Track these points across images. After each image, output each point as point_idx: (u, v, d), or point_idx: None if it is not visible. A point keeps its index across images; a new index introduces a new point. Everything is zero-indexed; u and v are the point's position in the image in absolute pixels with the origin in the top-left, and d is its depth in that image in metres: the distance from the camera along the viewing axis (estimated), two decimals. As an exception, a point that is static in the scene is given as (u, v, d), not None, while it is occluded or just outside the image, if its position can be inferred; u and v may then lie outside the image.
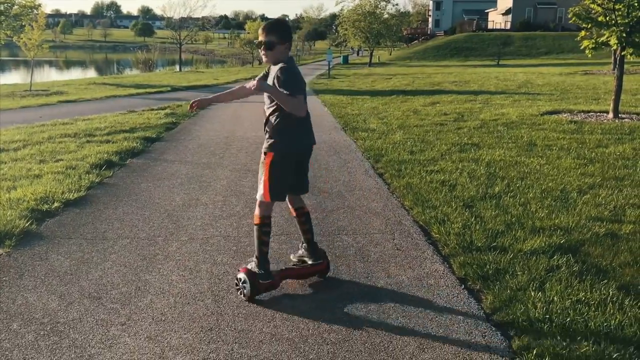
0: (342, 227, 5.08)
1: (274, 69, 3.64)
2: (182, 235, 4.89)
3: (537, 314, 3.33)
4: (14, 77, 43.89)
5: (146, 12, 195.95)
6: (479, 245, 4.47)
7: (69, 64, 73.00)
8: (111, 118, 13.00)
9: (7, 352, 2.99)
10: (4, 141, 9.59)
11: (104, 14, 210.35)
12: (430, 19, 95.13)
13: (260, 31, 3.67)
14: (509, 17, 73.87)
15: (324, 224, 5.16)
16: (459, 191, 6.08)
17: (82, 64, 74.01)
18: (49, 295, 3.67)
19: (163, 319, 3.37)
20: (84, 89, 24.72)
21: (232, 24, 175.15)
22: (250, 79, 31.32)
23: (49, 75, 49.36)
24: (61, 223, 5.20)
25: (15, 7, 29.10)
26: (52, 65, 66.24)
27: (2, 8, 29.07)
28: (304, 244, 4.06)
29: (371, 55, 57.10)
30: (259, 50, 3.71)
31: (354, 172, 7.35)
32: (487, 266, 4.04)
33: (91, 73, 54.51)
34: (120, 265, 4.19)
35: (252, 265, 3.73)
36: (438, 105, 15.28)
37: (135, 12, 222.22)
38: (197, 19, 65.14)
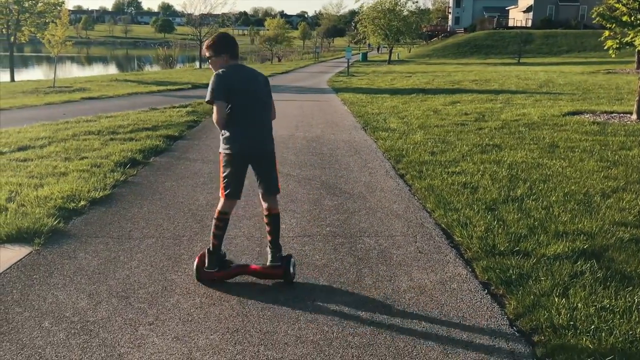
0: (363, 229, 5.11)
1: None
2: (206, 235, 4.95)
3: (561, 321, 3.34)
4: (37, 73, 44.52)
5: (166, 8, 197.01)
6: (502, 249, 4.47)
7: (90, 60, 73.83)
8: (134, 115, 13.14)
9: (39, 350, 3.08)
10: (30, 138, 9.74)
11: (125, 10, 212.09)
12: (450, 16, 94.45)
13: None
14: (530, 14, 73.10)
15: (346, 226, 5.20)
16: (481, 193, 6.07)
17: (103, 60, 74.81)
18: (78, 294, 3.75)
19: (190, 319, 3.43)
20: (106, 85, 24.98)
21: (251, 20, 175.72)
22: (269, 76, 31.43)
23: (72, 72, 49.98)
24: (88, 222, 5.30)
25: (40, 4, 29.56)
26: (74, 61, 67.05)
27: (27, 5, 29.57)
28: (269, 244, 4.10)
29: (390, 52, 56.91)
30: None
31: (375, 173, 7.37)
32: (510, 271, 4.04)
33: (112, 69, 55.07)
34: (146, 265, 4.26)
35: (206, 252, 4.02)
36: (458, 104, 15.21)
37: (155, 9, 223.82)
38: (217, 15, 65.42)
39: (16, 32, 30.53)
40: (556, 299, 3.60)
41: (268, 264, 4.04)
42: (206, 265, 3.99)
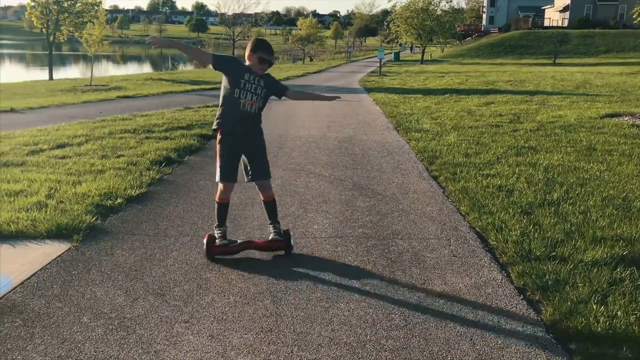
0: (397, 232, 5.09)
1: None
2: (239, 234, 4.99)
3: (599, 329, 3.27)
4: (75, 72, 45.50)
5: (200, 8, 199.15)
6: (538, 254, 4.40)
7: (126, 59, 75.10)
8: (168, 114, 13.32)
9: (79, 345, 3.14)
10: (67, 136, 9.95)
11: (160, 9, 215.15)
12: (484, 16, 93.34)
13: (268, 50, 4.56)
14: (567, 14, 71.81)
15: (379, 228, 5.18)
16: (516, 197, 5.99)
17: (138, 59, 76.01)
18: (115, 290, 3.82)
19: (224, 318, 3.47)
20: (141, 84, 25.40)
21: (283, 20, 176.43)
22: (301, 76, 31.43)
23: (108, 70, 50.91)
24: (124, 219, 5.39)
25: (78, 4, 30.21)
26: (110, 60, 68.29)
27: (66, 5, 30.24)
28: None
29: (423, 52, 56.53)
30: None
31: (408, 174, 7.34)
32: (547, 276, 3.98)
33: (147, 68, 55.91)
34: (181, 263, 4.32)
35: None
36: (493, 105, 15.03)
37: (189, 8, 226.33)
38: (250, 15, 65.86)
39: (55, 32, 31.25)
40: (594, 307, 3.53)
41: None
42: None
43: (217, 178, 4.52)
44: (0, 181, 6.61)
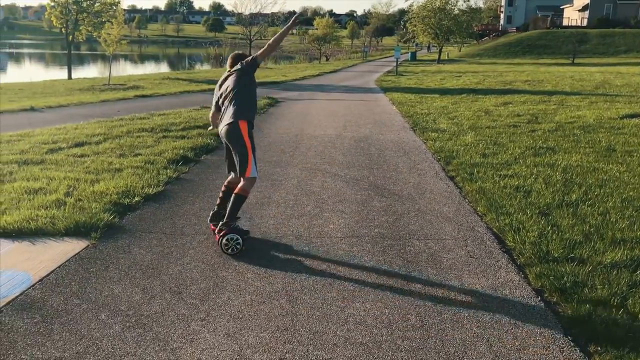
0: (413, 232, 5.07)
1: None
2: (255, 233, 5.01)
3: (618, 331, 3.23)
4: (93, 71, 45.95)
5: (217, 8, 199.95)
6: (556, 255, 4.36)
7: (143, 59, 75.65)
8: (185, 113, 13.40)
9: (97, 341, 3.17)
10: (86, 134, 10.05)
11: (177, 9, 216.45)
12: (502, 15, 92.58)
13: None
14: (586, 13, 70.93)
15: (395, 228, 5.17)
16: (534, 198, 5.93)
17: (156, 59, 76.54)
18: (132, 288, 3.85)
19: (240, 316, 3.48)
20: (158, 83, 25.57)
21: (300, 19, 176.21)
22: (317, 75, 31.40)
23: (125, 70, 51.33)
24: (142, 217, 5.44)
25: (97, 4, 30.48)
26: (128, 60, 68.86)
27: (85, 5, 30.54)
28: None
29: (440, 52, 56.24)
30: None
31: (424, 174, 7.30)
32: (565, 278, 3.94)
33: (164, 68, 56.26)
34: (198, 261, 4.34)
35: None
36: (510, 105, 14.91)
37: (206, 8, 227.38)
38: (267, 15, 66.01)
39: (74, 32, 31.56)
40: (614, 309, 3.49)
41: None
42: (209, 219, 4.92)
43: (256, 173, 4.72)
44: (20, 179, 6.70)
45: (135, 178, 6.74)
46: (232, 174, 4.91)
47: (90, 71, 46.22)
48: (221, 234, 4.55)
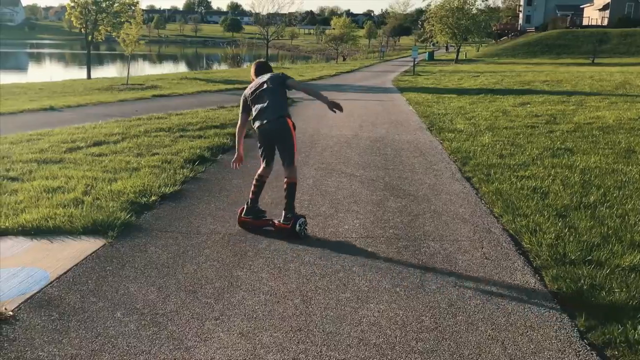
0: (428, 233, 5.04)
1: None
2: (270, 233, 5.02)
3: (636, 336, 3.19)
4: (112, 71, 46.39)
5: (235, 8, 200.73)
6: (573, 258, 4.31)
7: (162, 58, 76.24)
8: (202, 113, 13.47)
9: (112, 339, 3.20)
10: (104, 134, 10.15)
11: (195, 9, 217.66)
12: (520, 15, 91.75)
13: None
14: (607, 12, 70.03)
15: (410, 229, 5.15)
16: (551, 199, 5.88)
17: (174, 59, 77.07)
18: (148, 287, 3.88)
19: (254, 316, 3.49)
20: (176, 83, 25.73)
21: (317, 19, 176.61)
22: (334, 75, 31.37)
23: (144, 70, 51.75)
24: (158, 217, 5.48)
25: (116, 4, 30.79)
26: (146, 59, 69.43)
27: (104, 5, 30.86)
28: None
29: (458, 51, 55.93)
30: None
31: (440, 175, 7.27)
32: (582, 281, 3.89)
33: (182, 67, 56.62)
34: (213, 260, 4.37)
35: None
36: (529, 106, 14.78)
37: (224, 8, 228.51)
38: (284, 15, 66.15)
39: (93, 32, 31.91)
40: (631, 313, 3.44)
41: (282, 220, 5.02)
42: (243, 213, 5.14)
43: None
44: (39, 178, 6.79)
45: (152, 177, 6.79)
46: (264, 167, 5.20)
47: (109, 71, 46.69)
48: (291, 222, 4.91)
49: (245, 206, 5.21)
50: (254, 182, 5.24)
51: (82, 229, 4.98)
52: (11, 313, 3.47)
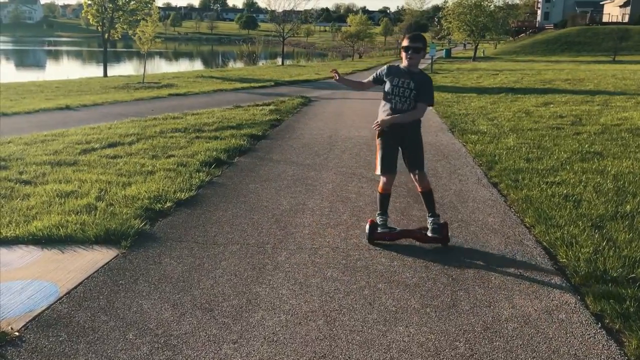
0: (457, 245, 4.77)
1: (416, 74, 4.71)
2: (290, 243, 4.79)
3: (694, 368, 2.90)
4: (128, 69, 46.48)
5: (250, 5, 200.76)
6: (615, 275, 4.02)
7: (178, 56, 76.37)
8: (218, 113, 13.27)
9: (123, 365, 2.99)
10: (119, 134, 9.99)
11: (211, 7, 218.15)
12: (539, 12, 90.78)
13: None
14: (627, 9, 68.96)
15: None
16: (585, 208, 5.57)
17: (189, 56, 77.19)
18: (162, 304, 3.66)
19: (275, 339, 3.25)
20: (192, 81, 25.61)
21: (333, 17, 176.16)
22: (350, 73, 31.12)
23: (160, 67, 51.80)
24: (173, 224, 5.26)
25: (132, 2, 30.76)
26: (162, 57, 69.57)
27: (120, 3, 30.85)
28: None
29: (476, 49, 55.32)
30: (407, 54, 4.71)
31: (466, 181, 6.98)
32: (628, 302, 3.60)
33: (198, 65, 56.62)
34: (230, 275, 4.14)
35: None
36: (552, 106, 14.39)
37: (240, 6, 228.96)
38: (300, 12, 65.87)
39: (110, 29, 31.91)
40: (685, 340, 3.15)
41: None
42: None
43: (379, 171, 4.87)
44: (52, 181, 6.63)
45: (167, 181, 6.59)
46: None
47: (126, 68, 46.77)
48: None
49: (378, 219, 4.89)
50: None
51: (94, 239, 4.78)
52: (17, 333, 3.27)
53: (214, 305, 3.66)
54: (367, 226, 4.82)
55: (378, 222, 4.85)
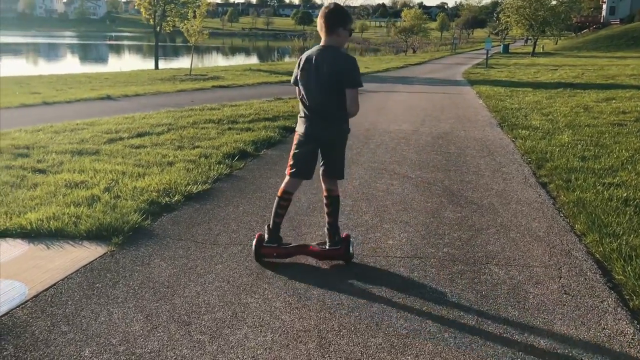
0: (491, 254, 4.09)
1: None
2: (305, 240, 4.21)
3: None
4: (183, 62, 47.00)
5: (307, 0, 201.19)
6: (685, 299, 3.27)
7: (233, 51, 76.97)
8: (257, 105, 12.85)
9: (65, 390, 2.49)
10: (151, 124, 9.67)
11: (268, 3, 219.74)
12: (604, 6, 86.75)
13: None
14: (702, 2, 64.93)
15: (469, 247, 4.21)
16: (648, 215, 4.77)
17: (245, 51, 77.68)
18: (135, 314, 3.16)
19: (254, 364, 2.69)
20: (239, 74, 25.40)
21: (389, 12, 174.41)
22: (402, 67, 30.29)
23: (216, 61, 52.24)
24: (176, 220, 4.78)
25: (184, -4, 30.99)
26: (218, 52, 70.30)
27: (171, -3, 31.11)
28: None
29: (535, 44, 53.28)
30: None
31: (510, 180, 6.24)
32: (701, 336, 2.87)
33: (252, 60, 56.79)
34: (222, 281, 3.60)
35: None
36: (614, 101, 13.27)
37: (296, 1, 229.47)
38: (355, 7, 65.16)
39: (162, 23, 32.16)
40: None
41: (327, 246, 3.91)
42: (266, 240, 3.91)
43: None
44: (66, 171, 6.30)
45: (184, 173, 6.15)
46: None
47: (180, 62, 47.32)
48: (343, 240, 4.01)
49: None
50: None
51: (85, 233, 4.34)
52: (-41, 343, 2.83)
53: (194, 317, 3.13)
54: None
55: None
